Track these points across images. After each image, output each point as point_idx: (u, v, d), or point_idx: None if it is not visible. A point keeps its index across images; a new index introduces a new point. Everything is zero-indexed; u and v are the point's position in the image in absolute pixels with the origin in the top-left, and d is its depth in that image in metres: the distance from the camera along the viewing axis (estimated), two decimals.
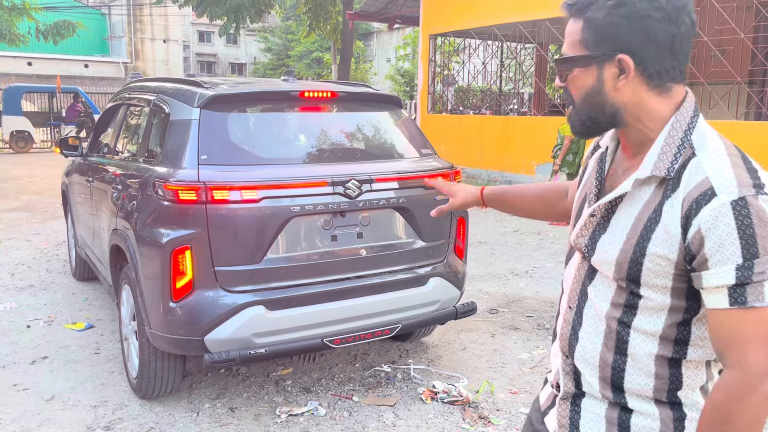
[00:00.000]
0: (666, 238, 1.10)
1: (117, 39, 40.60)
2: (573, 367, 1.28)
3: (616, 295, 1.20)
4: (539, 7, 10.39)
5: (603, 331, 1.22)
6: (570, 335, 1.28)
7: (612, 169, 1.27)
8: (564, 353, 1.31)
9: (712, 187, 1.06)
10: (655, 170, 1.13)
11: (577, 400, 1.29)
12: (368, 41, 37.54)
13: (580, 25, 1.17)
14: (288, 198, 3.08)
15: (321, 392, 3.54)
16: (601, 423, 1.24)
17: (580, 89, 1.19)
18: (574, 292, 1.29)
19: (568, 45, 1.20)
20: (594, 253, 1.23)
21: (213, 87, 3.34)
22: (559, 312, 1.35)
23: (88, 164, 4.75)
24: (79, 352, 4.10)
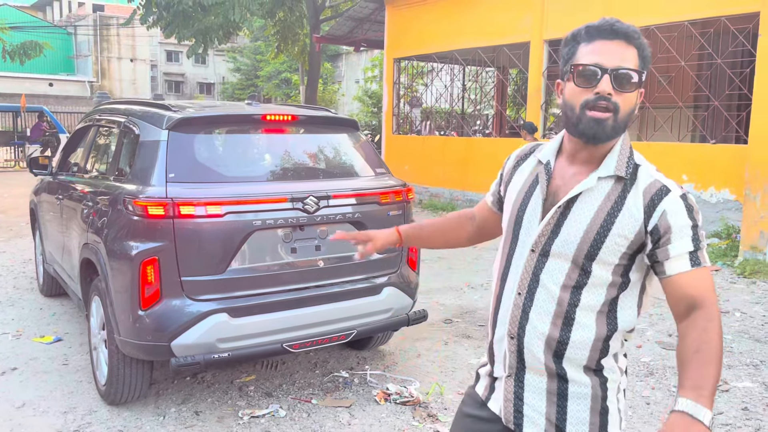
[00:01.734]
0: (629, 221, 1.43)
1: (83, 58, 40.36)
2: (518, 347, 1.52)
3: (568, 277, 1.47)
4: (498, 34, 10.87)
5: (553, 311, 1.48)
6: (520, 317, 1.51)
7: (555, 176, 1.53)
8: (510, 336, 1.53)
9: (665, 185, 1.44)
10: (617, 170, 1.46)
11: (521, 375, 1.54)
12: (337, 63, 38.01)
13: (633, 51, 1.43)
14: (250, 213, 3.34)
15: (282, 396, 3.76)
16: (542, 394, 1.52)
17: (630, 103, 1.44)
18: (524, 280, 1.51)
19: (628, 64, 1.42)
20: (555, 241, 1.48)
21: (180, 110, 3.59)
22: (500, 304, 1.58)
23: (57, 183, 4.92)
24: (48, 363, 4.25)
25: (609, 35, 1.43)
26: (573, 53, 1.47)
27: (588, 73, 1.43)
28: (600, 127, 1.42)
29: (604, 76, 1.41)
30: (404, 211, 3.93)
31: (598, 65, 1.42)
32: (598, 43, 1.43)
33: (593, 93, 1.42)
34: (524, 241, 1.54)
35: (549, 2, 9.97)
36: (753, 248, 7.03)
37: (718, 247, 7.55)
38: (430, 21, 12.10)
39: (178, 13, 14.75)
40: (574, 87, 1.45)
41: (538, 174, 1.56)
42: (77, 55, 40.48)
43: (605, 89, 1.40)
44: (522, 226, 1.55)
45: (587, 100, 1.43)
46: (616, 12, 8.90)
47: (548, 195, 1.52)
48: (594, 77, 1.42)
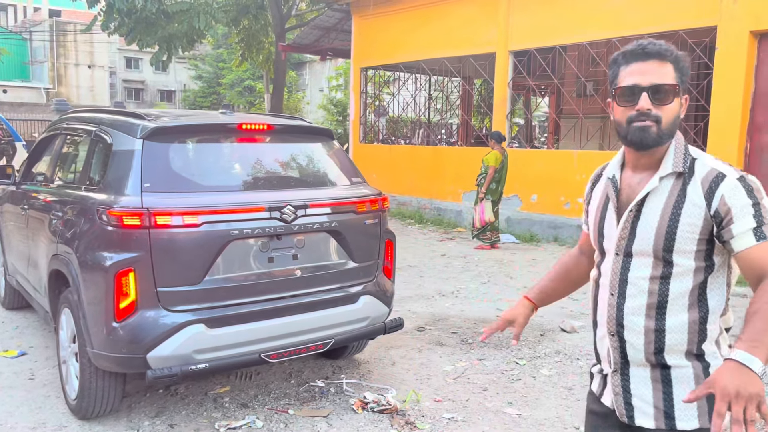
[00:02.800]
0: (693, 209, 1.58)
1: (38, 64, 39.35)
2: (619, 342, 1.67)
3: (654, 269, 1.62)
4: (464, 45, 11.03)
5: (645, 303, 1.63)
6: (616, 315, 1.67)
7: (623, 187, 1.71)
8: (611, 333, 1.69)
9: (720, 171, 1.60)
10: (675, 167, 1.62)
11: (626, 369, 1.68)
12: (301, 71, 37.92)
13: (669, 66, 1.60)
14: (227, 222, 3.31)
15: (258, 407, 3.73)
16: (647, 384, 1.65)
17: (672, 112, 1.61)
18: (615, 281, 1.68)
19: (663, 80, 1.59)
20: (634, 241, 1.64)
21: (155, 119, 3.55)
22: (597, 305, 1.75)
23: (22, 192, 4.79)
24: (13, 378, 4.13)
25: (642, 57, 1.61)
26: (615, 76, 1.66)
27: (628, 93, 1.62)
28: (645, 133, 1.60)
29: (641, 94, 1.59)
30: (380, 220, 3.95)
31: (635, 85, 1.60)
32: (634, 65, 1.62)
33: (635, 109, 1.60)
34: (608, 249, 1.72)
35: (514, 15, 10.16)
36: None
37: None
38: (397, 31, 12.21)
39: (141, 20, 14.54)
40: (618, 107, 1.65)
41: (607, 188, 1.75)
42: (32, 61, 39.46)
43: (644, 106, 1.59)
44: (604, 237, 1.73)
45: (631, 116, 1.62)
46: (580, 25, 9.16)
47: (620, 204, 1.70)
48: (633, 96, 1.60)
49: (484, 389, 4.04)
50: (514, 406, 3.81)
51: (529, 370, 4.38)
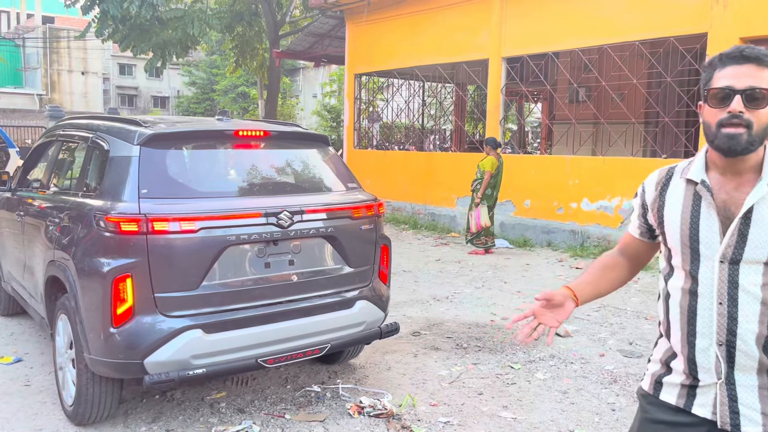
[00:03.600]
0: None
1: (31, 70, 39.22)
2: (728, 352, 1.62)
3: (765, 276, 1.60)
4: (457, 51, 11.10)
5: (759, 310, 1.60)
6: (728, 324, 1.61)
7: (717, 192, 1.65)
8: (719, 343, 1.63)
9: None
10: None
11: (731, 377, 1.64)
12: (294, 77, 37.98)
13: (765, 70, 1.57)
14: (224, 228, 3.34)
15: (254, 412, 3.75)
16: (754, 391, 1.63)
17: (764, 118, 1.57)
18: (722, 290, 1.62)
19: (759, 84, 1.56)
20: (745, 249, 1.60)
21: (152, 126, 3.57)
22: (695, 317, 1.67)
23: (18, 199, 4.80)
24: (9, 384, 4.13)
25: (740, 60, 1.59)
26: (709, 78, 1.63)
27: (720, 95, 1.59)
28: (734, 141, 1.57)
29: (735, 96, 1.56)
30: (376, 225, 3.98)
31: (729, 87, 1.57)
32: (729, 68, 1.59)
33: (726, 112, 1.57)
34: (708, 255, 1.65)
35: (507, 22, 10.25)
36: None
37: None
38: (391, 38, 12.27)
39: (135, 27, 14.56)
40: (710, 108, 1.62)
41: (698, 192, 1.68)
42: (26, 68, 39.32)
43: (736, 108, 1.56)
44: (701, 242, 1.66)
45: (721, 119, 1.59)
46: (572, 31, 9.24)
47: (718, 209, 1.64)
48: (726, 98, 1.58)
49: (480, 393, 4.07)
50: (509, 409, 3.84)
51: (524, 374, 4.41)
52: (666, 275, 1.79)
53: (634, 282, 7.08)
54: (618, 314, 5.88)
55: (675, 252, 1.73)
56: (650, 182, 1.83)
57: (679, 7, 8.08)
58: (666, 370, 1.78)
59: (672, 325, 1.75)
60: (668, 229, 1.74)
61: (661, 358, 1.81)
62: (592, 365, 4.57)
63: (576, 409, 3.85)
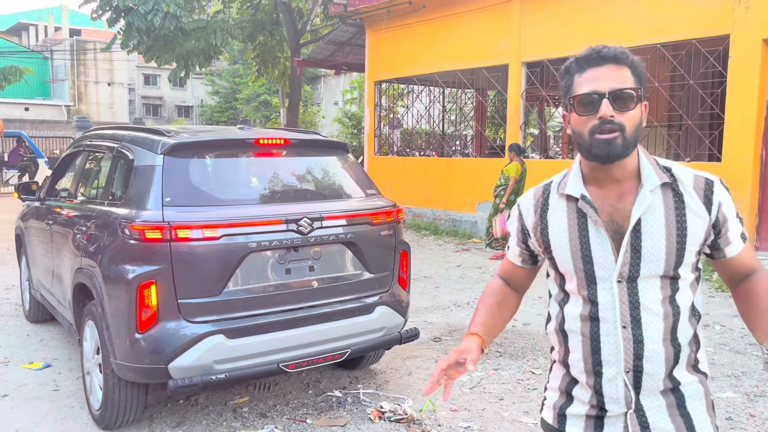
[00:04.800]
0: (696, 220, 1.52)
1: (59, 82, 40.08)
2: (635, 378, 1.52)
3: (663, 290, 1.52)
4: (477, 57, 11.11)
5: (662, 327, 1.51)
6: (635, 348, 1.51)
7: (600, 206, 1.54)
8: (627, 370, 1.52)
9: (706, 178, 1.55)
10: (662, 179, 1.53)
11: (638, 404, 1.54)
12: (316, 85, 38.26)
13: (626, 70, 1.48)
14: (245, 235, 3.40)
15: (276, 417, 3.79)
16: (663, 412, 1.54)
17: (635, 119, 1.48)
18: (625, 312, 1.52)
19: (623, 84, 1.47)
20: (641, 265, 1.51)
21: (175, 135, 3.65)
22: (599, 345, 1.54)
23: (46, 208, 4.92)
24: (38, 389, 4.23)
25: (598, 62, 1.49)
26: (570, 85, 1.53)
27: (587, 101, 1.48)
28: (610, 147, 1.47)
29: (602, 100, 1.46)
30: (395, 231, 4.01)
31: (594, 92, 1.47)
32: (589, 71, 1.49)
33: (597, 118, 1.47)
34: (604, 277, 1.54)
35: (527, 26, 10.23)
36: None
37: None
38: (411, 44, 12.32)
39: (159, 38, 14.82)
40: (578, 117, 1.51)
41: (581, 209, 1.56)
42: (54, 80, 40.21)
43: (606, 112, 1.46)
44: (595, 263, 1.55)
45: (593, 126, 1.48)
46: (592, 35, 9.19)
47: (606, 225, 1.54)
48: (593, 104, 1.47)
49: (500, 399, 4.07)
50: (530, 415, 3.83)
51: (545, 379, 4.39)
52: (560, 301, 1.66)
53: None
54: None
55: (569, 277, 1.61)
56: (526, 205, 1.69)
57: (701, 9, 8.00)
58: (567, 400, 1.65)
59: (572, 354, 1.61)
60: (557, 253, 1.61)
61: (560, 386, 1.68)
62: None
63: None
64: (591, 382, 1.58)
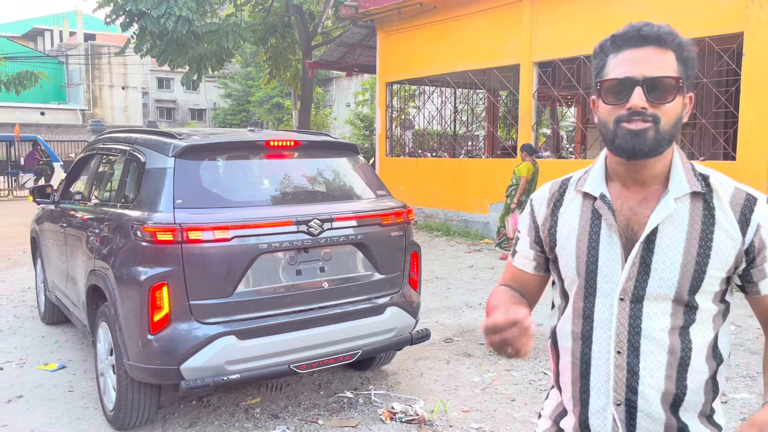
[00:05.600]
0: (726, 241, 1.27)
1: (74, 86, 40.49)
2: (628, 413, 1.30)
3: (674, 318, 1.28)
4: (488, 57, 11.08)
5: (666, 362, 1.28)
6: (627, 378, 1.29)
7: (618, 208, 1.32)
8: (616, 403, 1.30)
9: (749, 194, 1.30)
10: (692, 186, 1.29)
11: None
12: (328, 87, 38.33)
13: (670, 54, 1.24)
14: (256, 237, 3.42)
15: (288, 418, 3.80)
16: None
17: (674, 113, 1.24)
18: (622, 335, 1.29)
19: (663, 72, 1.23)
20: (648, 282, 1.28)
21: (186, 138, 3.68)
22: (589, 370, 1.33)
23: (61, 211, 4.97)
24: (53, 390, 4.27)
25: (638, 42, 1.25)
26: (602, 67, 1.30)
27: (617, 87, 1.26)
28: (639, 138, 1.24)
29: (635, 89, 1.23)
30: (405, 231, 4.01)
31: (627, 78, 1.24)
32: (626, 52, 1.26)
33: (626, 108, 1.24)
34: (606, 290, 1.32)
35: (538, 25, 10.20)
36: None
37: None
38: (421, 45, 12.32)
39: (172, 42, 14.93)
40: (605, 105, 1.28)
41: (597, 209, 1.34)
42: (69, 84, 40.62)
43: (638, 103, 1.23)
44: (599, 273, 1.32)
45: (620, 116, 1.25)
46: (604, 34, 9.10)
47: (620, 231, 1.31)
48: (624, 92, 1.24)
49: (512, 399, 4.05)
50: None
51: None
52: (559, 314, 1.43)
53: None
54: None
55: (570, 283, 1.38)
56: (539, 199, 1.46)
57: (715, 7, 7.93)
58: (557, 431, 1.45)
59: (562, 376, 1.41)
60: (562, 254, 1.39)
61: (551, 415, 1.47)
62: None
63: None
64: (578, 411, 1.38)
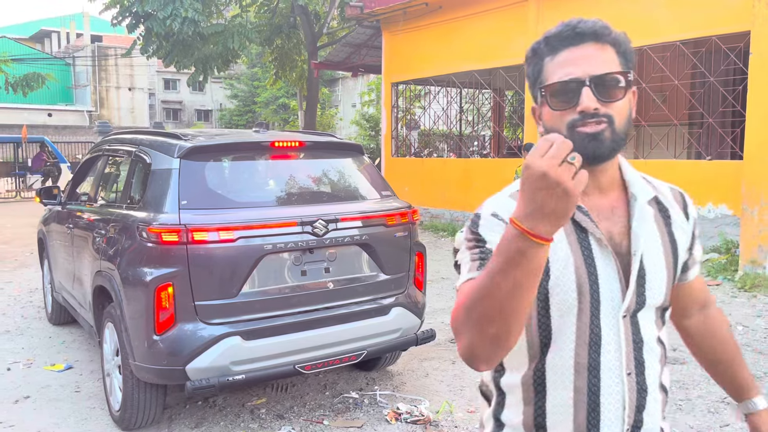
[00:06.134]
0: (683, 238, 1.29)
1: (81, 88, 40.68)
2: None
3: (657, 325, 1.26)
4: (493, 57, 11.06)
5: (658, 371, 1.25)
6: (638, 400, 1.22)
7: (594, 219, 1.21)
8: (630, 425, 1.22)
9: (677, 190, 1.35)
10: (654, 190, 1.28)
11: None
12: (333, 87, 38.36)
13: (609, 49, 1.18)
14: (261, 237, 3.42)
15: (293, 418, 3.81)
16: None
17: (624, 110, 1.18)
18: (630, 354, 1.21)
19: (607, 68, 1.16)
20: (645, 295, 1.22)
21: (191, 139, 3.69)
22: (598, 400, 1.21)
23: (67, 212, 5.00)
24: (60, 391, 4.29)
25: (574, 40, 1.18)
26: (539, 72, 1.21)
27: (562, 90, 1.16)
28: (597, 142, 1.15)
29: (583, 89, 1.14)
30: (410, 232, 4.01)
31: (572, 79, 1.15)
32: (564, 52, 1.17)
33: (577, 112, 1.15)
34: (608, 310, 1.20)
35: (543, 25, 10.16)
36: (753, 262, 7.10)
37: (717, 262, 7.63)
38: (427, 45, 12.31)
39: (178, 43, 14.97)
40: (552, 111, 1.18)
41: (580, 222, 1.20)
42: (76, 85, 40.82)
43: (589, 105, 1.14)
44: (601, 292, 1.20)
45: (573, 120, 1.15)
46: None
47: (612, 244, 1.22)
48: (571, 94, 1.15)
49: None
50: None
51: None
52: (540, 346, 1.22)
53: None
54: None
55: (564, 311, 1.19)
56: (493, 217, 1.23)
57: (721, 6, 7.88)
58: None
59: (550, 417, 1.22)
60: (558, 277, 1.19)
61: None
62: None
63: None
64: None
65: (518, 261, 0.97)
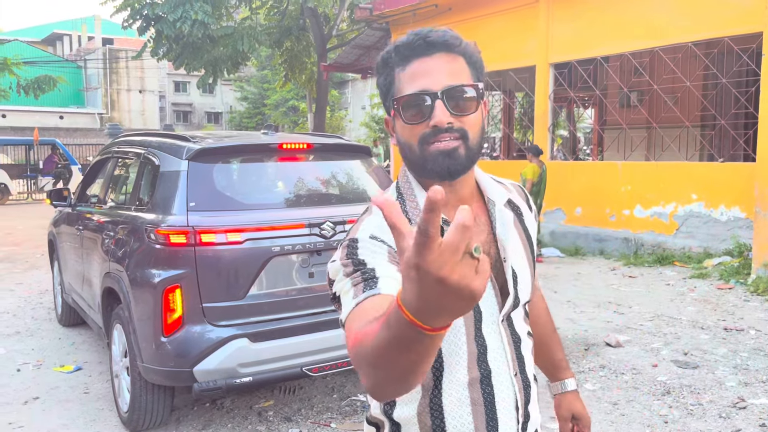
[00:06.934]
0: (532, 228, 1.33)
1: (92, 90, 40.97)
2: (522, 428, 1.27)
3: (526, 320, 1.30)
4: (504, 58, 11.03)
5: (533, 363, 1.30)
6: (524, 396, 1.25)
7: None
8: (521, 422, 1.25)
9: (517, 185, 1.38)
10: (507, 192, 1.29)
11: None
12: (343, 89, 38.42)
13: (460, 60, 1.16)
14: (269, 239, 3.42)
15: (301, 421, 3.79)
16: None
17: (477, 124, 1.16)
18: (513, 355, 1.23)
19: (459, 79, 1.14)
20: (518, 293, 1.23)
21: (199, 141, 3.69)
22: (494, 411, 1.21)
23: (77, 214, 5.02)
24: (69, 392, 4.30)
25: (425, 50, 1.14)
26: (390, 83, 1.18)
27: (414, 103, 1.14)
28: (451, 159, 1.13)
29: (435, 102, 1.12)
30: None
31: (423, 91, 1.13)
32: (415, 63, 1.14)
33: (429, 126, 1.13)
34: (489, 318, 1.20)
35: (553, 27, 10.13)
36: (766, 266, 7.03)
37: (730, 265, 7.55)
38: None
39: (188, 45, 15.06)
40: (405, 124, 1.16)
41: None
42: (87, 88, 41.10)
43: (442, 120, 1.12)
44: (480, 303, 1.20)
45: (425, 135, 1.14)
46: (621, 35, 9.05)
47: None
48: (424, 106, 1.13)
49: None
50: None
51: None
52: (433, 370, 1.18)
53: (690, 290, 6.86)
54: (672, 324, 5.70)
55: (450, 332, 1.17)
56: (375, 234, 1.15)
57: (733, 7, 7.82)
58: None
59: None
60: None
61: None
62: (644, 376, 4.44)
63: (626, 421, 3.75)
64: None
65: (411, 347, 0.79)
